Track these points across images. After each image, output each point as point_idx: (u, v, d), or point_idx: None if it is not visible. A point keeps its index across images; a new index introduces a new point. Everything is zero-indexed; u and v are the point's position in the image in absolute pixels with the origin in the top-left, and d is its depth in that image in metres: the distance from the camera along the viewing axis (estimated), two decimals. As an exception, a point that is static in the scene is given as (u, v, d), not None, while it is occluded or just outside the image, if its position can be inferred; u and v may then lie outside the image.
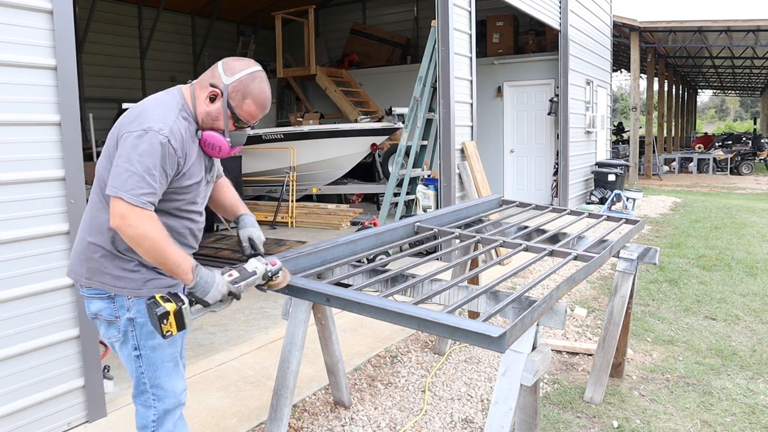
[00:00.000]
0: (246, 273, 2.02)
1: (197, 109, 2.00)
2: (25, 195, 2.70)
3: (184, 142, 1.93)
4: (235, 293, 1.96)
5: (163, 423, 2.08)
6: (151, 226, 1.82)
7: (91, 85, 11.84)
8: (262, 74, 2.02)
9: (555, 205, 6.65)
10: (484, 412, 3.23)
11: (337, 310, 2.94)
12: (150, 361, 2.04)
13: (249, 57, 13.38)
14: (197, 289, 1.88)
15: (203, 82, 2.02)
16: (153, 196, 1.84)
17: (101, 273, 1.98)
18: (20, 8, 2.65)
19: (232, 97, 1.97)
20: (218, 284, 1.92)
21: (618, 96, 50.15)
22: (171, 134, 1.87)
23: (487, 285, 2.39)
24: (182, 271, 1.86)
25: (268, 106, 2.04)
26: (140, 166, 1.81)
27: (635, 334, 4.39)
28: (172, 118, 1.91)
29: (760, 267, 6.36)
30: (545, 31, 10.99)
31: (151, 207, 1.83)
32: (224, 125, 1.99)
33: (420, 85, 6.70)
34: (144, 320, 2.00)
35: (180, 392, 2.11)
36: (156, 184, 1.84)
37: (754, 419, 3.17)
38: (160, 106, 1.95)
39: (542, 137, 11.08)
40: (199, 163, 2.03)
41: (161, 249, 1.83)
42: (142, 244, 1.82)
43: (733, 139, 24.70)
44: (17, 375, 2.71)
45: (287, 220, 9.18)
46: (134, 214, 1.79)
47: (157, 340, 2.02)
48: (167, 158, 1.86)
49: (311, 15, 11.49)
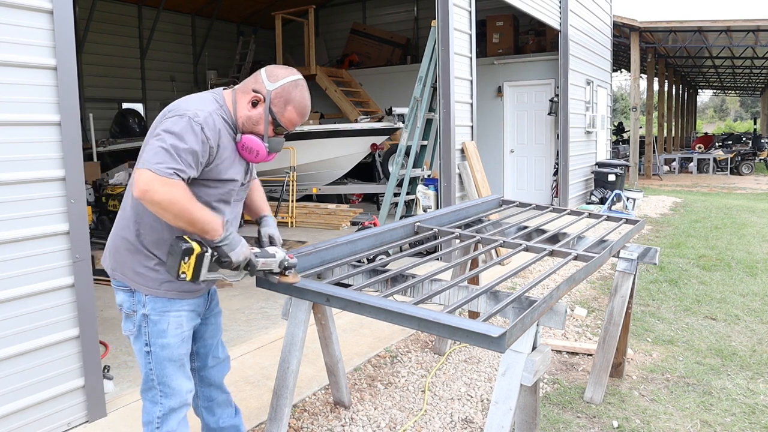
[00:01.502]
0: (266, 253, 2.10)
1: (238, 113, 2.04)
2: (25, 195, 2.70)
3: (219, 133, 1.97)
4: (253, 263, 2.02)
5: (167, 421, 2.11)
6: (178, 191, 1.81)
7: (91, 85, 11.84)
8: (303, 83, 2.09)
9: (555, 205, 6.65)
10: (484, 412, 3.23)
11: (337, 310, 2.94)
12: (159, 358, 2.08)
13: (249, 57, 13.46)
14: (226, 242, 1.92)
15: (246, 87, 2.06)
16: (182, 172, 1.84)
17: (124, 266, 2.06)
18: (20, 8, 2.65)
19: (274, 103, 2.02)
20: (243, 245, 1.99)
21: (618, 96, 50.15)
22: (205, 122, 1.92)
23: (487, 285, 2.39)
24: (213, 227, 1.89)
25: (308, 114, 2.10)
26: (170, 145, 1.84)
27: (635, 334, 4.39)
28: (208, 110, 1.96)
29: (760, 267, 6.36)
30: (545, 31, 10.99)
31: (177, 178, 1.82)
32: (264, 130, 2.04)
33: (420, 85, 6.70)
34: (157, 318, 2.06)
35: (186, 392, 2.13)
36: (183, 164, 1.85)
37: (754, 419, 3.17)
38: (198, 100, 2.01)
39: (542, 137, 11.08)
40: (237, 164, 2.08)
41: (190, 210, 1.84)
42: (169, 209, 1.81)
43: (733, 139, 24.70)
44: (17, 375, 2.71)
45: (287, 220, 9.19)
46: (159, 181, 1.80)
47: (167, 339, 2.07)
48: (200, 144, 1.89)
49: (311, 15, 11.50)
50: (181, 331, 2.10)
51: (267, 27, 14.22)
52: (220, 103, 2.04)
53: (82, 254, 2.90)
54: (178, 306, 2.09)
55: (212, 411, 2.41)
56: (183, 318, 2.10)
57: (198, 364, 2.34)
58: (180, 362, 2.11)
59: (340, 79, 12.35)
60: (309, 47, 11.79)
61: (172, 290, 2.06)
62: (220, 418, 2.42)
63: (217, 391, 2.40)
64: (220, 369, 2.39)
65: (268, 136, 2.06)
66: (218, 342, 2.38)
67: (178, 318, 2.09)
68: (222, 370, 2.40)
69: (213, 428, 2.43)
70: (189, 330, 2.14)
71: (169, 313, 2.07)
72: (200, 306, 2.20)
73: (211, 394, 2.39)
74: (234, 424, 2.45)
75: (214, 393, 2.39)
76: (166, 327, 2.07)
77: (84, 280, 2.91)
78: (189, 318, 2.13)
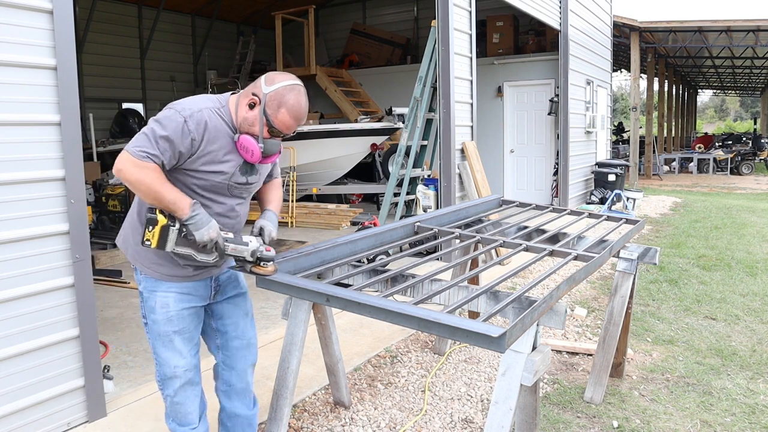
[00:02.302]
0: (239, 239, 2.18)
1: (238, 114, 2.15)
2: (25, 195, 2.70)
3: (207, 129, 2.08)
4: (220, 246, 2.13)
5: (166, 387, 2.33)
6: (147, 173, 1.99)
7: (91, 85, 11.84)
8: (299, 88, 2.15)
9: (555, 205, 6.65)
10: (484, 412, 3.23)
11: (337, 310, 2.94)
12: (151, 331, 2.29)
13: (249, 57, 13.45)
14: (190, 222, 2.06)
15: (247, 91, 2.17)
16: (155, 157, 2.00)
17: (127, 244, 2.28)
18: (20, 8, 2.65)
19: (268, 105, 2.10)
20: (211, 228, 2.09)
21: (618, 96, 50.14)
22: (190, 117, 2.04)
23: (487, 285, 2.38)
24: (179, 207, 2.04)
25: (303, 119, 2.17)
26: (150, 130, 2.02)
27: (635, 334, 4.39)
28: (199, 107, 2.08)
29: (760, 267, 6.36)
30: (545, 31, 10.99)
31: (150, 162, 2.00)
32: (259, 131, 2.12)
33: (420, 85, 6.70)
34: (148, 295, 2.26)
35: (174, 366, 2.28)
36: (158, 150, 2.00)
37: (754, 419, 3.17)
38: (196, 98, 2.14)
39: (542, 137, 11.08)
40: (230, 161, 2.16)
41: (156, 190, 2.01)
42: (139, 188, 2.01)
43: (734, 139, 24.70)
44: (17, 375, 2.71)
45: (287, 220, 9.19)
46: (132, 162, 1.99)
47: (155, 315, 2.25)
48: (180, 134, 2.02)
49: (311, 15, 11.49)
50: (166, 311, 2.24)
51: (267, 27, 14.22)
52: (221, 103, 2.16)
53: (82, 254, 2.90)
54: (165, 288, 2.24)
55: (229, 396, 2.51)
56: (170, 299, 2.24)
57: (220, 342, 2.46)
58: (167, 338, 2.26)
59: (340, 79, 12.35)
60: (309, 47, 11.79)
61: (159, 272, 2.22)
62: (236, 406, 2.51)
63: (237, 378, 2.48)
64: (242, 353, 2.46)
65: (264, 137, 2.14)
66: (240, 322, 2.46)
67: (164, 298, 2.24)
68: (246, 357, 2.47)
69: (228, 413, 2.53)
70: (177, 311, 2.26)
71: (156, 292, 2.24)
72: (199, 290, 2.30)
73: (230, 379, 2.47)
74: (247, 416, 2.53)
75: (234, 379, 2.48)
76: (153, 305, 2.25)
77: (84, 280, 2.91)
78: (178, 299, 2.25)
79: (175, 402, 2.33)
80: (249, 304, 2.52)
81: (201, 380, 2.41)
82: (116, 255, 6.67)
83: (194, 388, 2.36)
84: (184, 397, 2.33)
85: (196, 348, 2.36)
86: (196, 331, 2.36)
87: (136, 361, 3.83)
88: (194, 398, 2.36)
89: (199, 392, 2.39)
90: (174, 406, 2.34)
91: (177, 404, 2.33)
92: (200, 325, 2.38)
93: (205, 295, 2.34)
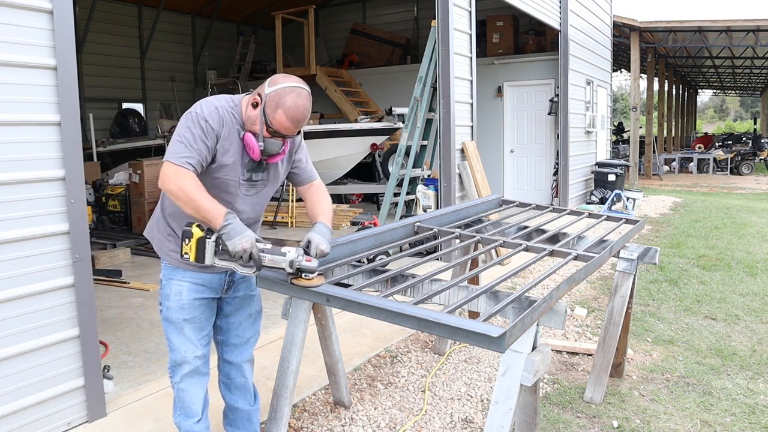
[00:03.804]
0: (276, 250, 2.14)
1: (244, 113, 2.24)
2: (25, 195, 2.70)
3: (224, 124, 2.18)
4: (255, 257, 2.08)
5: (174, 373, 2.40)
6: (186, 182, 2.07)
7: (91, 85, 11.84)
8: (300, 91, 2.18)
9: (555, 205, 6.64)
10: (484, 412, 3.23)
11: (337, 310, 2.94)
12: (164, 317, 2.37)
13: (249, 57, 13.45)
14: (224, 232, 2.07)
15: (255, 92, 2.25)
16: (193, 158, 2.10)
17: (152, 232, 2.40)
18: (20, 8, 2.65)
19: (267, 105, 2.16)
20: (244, 237, 2.07)
21: (618, 96, 50.14)
22: (209, 115, 2.15)
23: (487, 285, 2.39)
24: (213, 216, 2.07)
25: (301, 121, 2.19)
26: (182, 136, 2.13)
27: (635, 334, 4.39)
28: (215, 105, 2.19)
29: (760, 267, 6.36)
30: (545, 31, 10.99)
31: (190, 167, 2.10)
32: (260, 130, 2.18)
33: (420, 85, 6.70)
34: (165, 282, 2.35)
35: (184, 352, 2.34)
36: (194, 149, 2.11)
37: (754, 419, 3.17)
38: (212, 98, 2.25)
39: (542, 137, 11.07)
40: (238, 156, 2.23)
41: (194, 198, 2.06)
42: (179, 196, 2.07)
43: (733, 139, 24.70)
44: (17, 375, 2.71)
45: (287, 220, 9.19)
46: (173, 171, 2.08)
47: (169, 302, 2.33)
48: (204, 130, 2.14)
49: (311, 15, 11.49)
50: (179, 299, 2.31)
51: (267, 27, 14.22)
52: (235, 102, 2.26)
53: (82, 254, 2.90)
54: (180, 276, 2.32)
55: (229, 388, 2.60)
56: (184, 287, 2.32)
57: (221, 338, 2.54)
58: (178, 325, 2.33)
59: (340, 79, 12.34)
60: (309, 47, 11.79)
61: (176, 260, 2.30)
62: (236, 400, 2.60)
63: (236, 372, 2.56)
64: (240, 350, 2.54)
65: (263, 136, 2.18)
66: (243, 323, 2.54)
67: (179, 286, 2.32)
68: (242, 353, 2.55)
69: (229, 405, 2.62)
70: (189, 300, 2.32)
71: (172, 280, 2.33)
72: (212, 282, 2.37)
73: (230, 372, 2.57)
74: (247, 411, 2.61)
75: (233, 372, 2.56)
76: (169, 292, 2.33)
77: (84, 280, 2.91)
78: (191, 289, 2.32)
79: (180, 389, 2.39)
80: (256, 306, 2.58)
81: (209, 373, 2.46)
82: (116, 255, 6.67)
83: (200, 378, 2.41)
84: (189, 384, 2.38)
85: (207, 339, 2.42)
86: (208, 322, 2.41)
87: (136, 361, 3.83)
88: (199, 388, 2.41)
89: (205, 384, 2.44)
90: (179, 393, 2.40)
91: (182, 391, 2.39)
92: (212, 317, 2.44)
93: (218, 288, 2.40)
